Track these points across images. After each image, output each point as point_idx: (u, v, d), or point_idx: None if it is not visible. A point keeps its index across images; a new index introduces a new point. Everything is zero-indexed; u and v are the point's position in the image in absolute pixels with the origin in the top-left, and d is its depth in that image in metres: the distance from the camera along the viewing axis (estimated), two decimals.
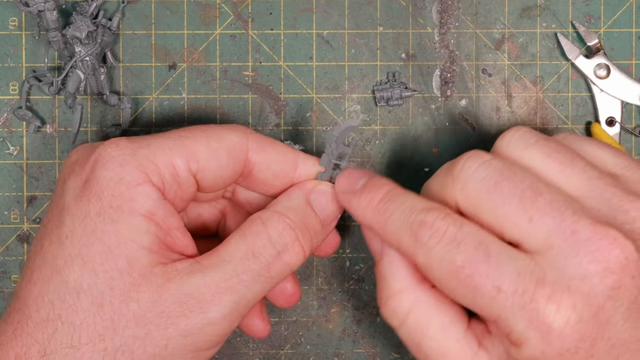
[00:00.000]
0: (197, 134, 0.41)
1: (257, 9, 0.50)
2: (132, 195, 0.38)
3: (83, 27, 0.48)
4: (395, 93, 0.50)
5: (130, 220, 0.38)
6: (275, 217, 0.41)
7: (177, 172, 0.40)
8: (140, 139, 0.40)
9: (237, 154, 0.41)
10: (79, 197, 0.38)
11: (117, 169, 0.38)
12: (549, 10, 0.50)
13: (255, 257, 0.40)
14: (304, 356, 0.51)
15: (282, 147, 0.43)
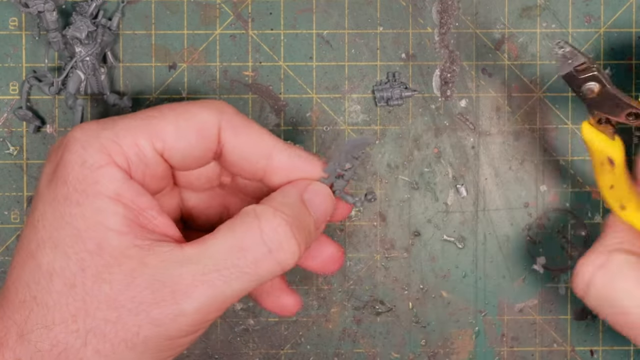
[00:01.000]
0: (165, 113, 0.40)
1: (257, 9, 0.50)
2: (96, 178, 0.38)
3: (83, 27, 0.48)
4: (395, 93, 0.50)
5: (96, 203, 0.38)
6: (270, 211, 0.39)
7: (142, 151, 0.39)
8: (107, 120, 0.40)
9: (207, 133, 0.40)
10: (49, 182, 0.39)
11: (80, 152, 0.38)
12: (549, 10, 0.50)
13: (241, 253, 0.38)
14: (304, 356, 0.51)
15: (258, 132, 0.41)
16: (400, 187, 0.50)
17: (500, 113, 0.50)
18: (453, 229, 0.50)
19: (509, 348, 0.51)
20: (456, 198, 0.50)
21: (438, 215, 0.50)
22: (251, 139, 0.41)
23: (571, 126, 0.50)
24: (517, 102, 0.50)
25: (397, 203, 0.50)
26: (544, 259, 0.50)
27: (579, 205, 0.50)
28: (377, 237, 0.50)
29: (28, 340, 0.37)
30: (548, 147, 0.50)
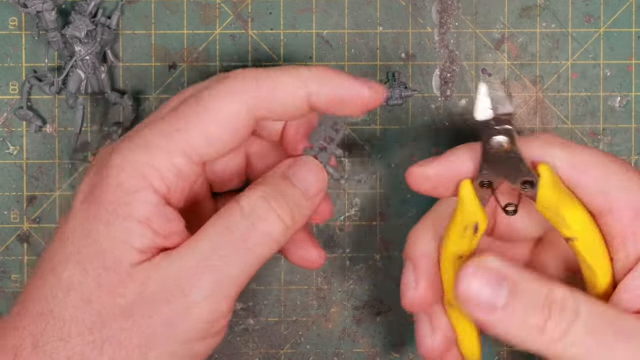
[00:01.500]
0: (192, 120, 0.39)
1: (257, 9, 0.50)
2: (129, 201, 0.38)
3: (82, 27, 0.48)
4: (395, 93, 0.50)
5: (125, 224, 0.38)
6: (248, 192, 0.40)
7: (180, 171, 0.39)
8: (138, 139, 0.39)
9: (239, 125, 0.40)
10: (84, 202, 0.39)
11: (117, 177, 0.38)
12: (549, 10, 0.50)
13: (229, 231, 0.39)
14: (304, 356, 0.51)
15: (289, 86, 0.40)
16: (400, 187, 0.50)
17: None
18: None
19: (509, 348, 0.50)
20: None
21: None
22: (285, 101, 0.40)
23: (571, 126, 0.50)
24: (517, 102, 0.50)
25: (397, 203, 0.50)
26: None
27: None
28: (377, 237, 0.50)
29: (44, 352, 0.37)
30: None
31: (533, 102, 0.50)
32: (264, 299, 0.50)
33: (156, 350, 0.38)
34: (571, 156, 0.40)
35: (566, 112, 0.50)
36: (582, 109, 0.50)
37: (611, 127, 0.50)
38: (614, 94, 0.50)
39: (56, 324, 0.38)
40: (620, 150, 0.50)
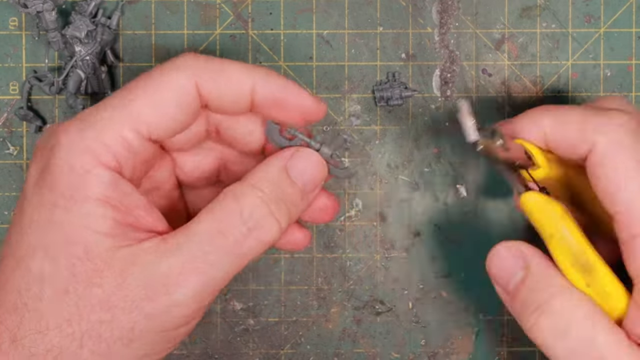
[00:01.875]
0: (139, 92, 0.39)
1: (257, 9, 0.50)
2: (84, 182, 0.37)
3: (82, 27, 0.48)
4: (395, 93, 0.50)
5: (84, 208, 0.37)
6: (248, 190, 0.39)
7: (128, 143, 0.39)
8: (87, 116, 0.39)
9: (187, 98, 0.39)
10: (36, 186, 0.38)
11: (66, 157, 0.38)
12: (549, 10, 0.50)
13: (223, 235, 0.38)
14: (304, 356, 0.51)
15: (236, 71, 0.40)
16: (400, 187, 0.50)
17: (500, 113, 0.50)
18: (453, 229, 0.50)
19: (509, 348, 0.50)
20: (456, 198, 0.50)
21: (438, 215, 0.50)
22: (231, 82, 0.40)
23: None
24: (517, 102, 0.50)
25: (397, 203, 0.50)
26: None
27: None
28: (377, 237, 0.50)
29: (22, 345, 0.37)
30: None
31: (533, 102, 0.50)
32: (264, 299, 0.50)
33: (137, 342, 0.37)
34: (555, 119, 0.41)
35: None
36: None
37: None
38: (614, 94, 0.50)
39: (32, 316, 0.37)
40: None
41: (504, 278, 0.41)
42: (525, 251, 0.41)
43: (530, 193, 0.41)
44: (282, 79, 0.41)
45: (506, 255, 0.41)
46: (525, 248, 0.41)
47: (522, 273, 0.41)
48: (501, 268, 0.41)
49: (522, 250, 0.41)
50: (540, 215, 0.40)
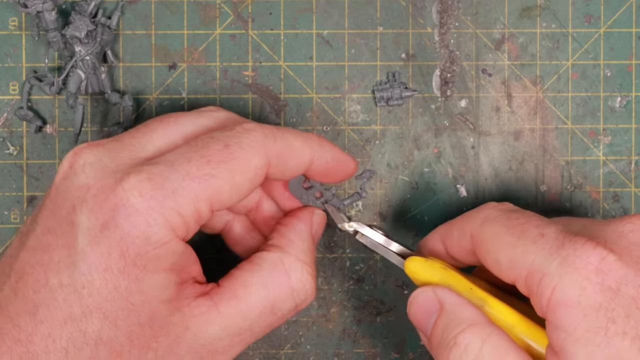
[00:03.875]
0: (221, 169, 0.38)
1: (257, 9, 0.50)
2: (158, 254, 0.37)
3: (82, 27, 0.48)
4: (395, 93, 0.50)
5: (155, 278, 0.37)
6: (299, 266, 0.41)
7: (200, 216, 0.38)
8: (163, 180, 0.37)
9: (259, 178, 0.40)
10: (95, 244, 0.36)
11: (143, 227, 0.36)
12: (549, 10, 0.50)
13: (273, 313, 0.40)
14: (304, 356, 0.51)
15: (300, 149, 0.42)
16: (400, 187, 0.50)
17: (500, 113, 0.50)
18: None
19: None
20: (456, 198, 0.50)
21: (438, 215, 0.50)
22: (296, 160, 0.42)
23: (571, 126, 0.50)
24: (517, 102, 0.50)
25: (397, 203, 0.50)
26: None
27: (579, 205, 0.50)
28: None
29: None
30: (548, 147, 0.50)
31: (533, 102, 0.50)
32: None
33: None
34: (446, 228, 0.44)
35: (566, 112, 0.50)
36: (582, 109, 0.50)
37: (611, 127, 0.50)
38: (614, 94, 0.50)
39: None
40: (620, 150, 0.50)
41: (422, 322, 0.42)
42: (439, 293, 0.41)
43: (409, 259, 0.43)
44: (334, 148, 0.44)
45: (422, 299, 0.42)
46: (440, 290, 0.41)
47: (437, 314, 0.41)
48: (419, 312, 0.42)
49: (437, 292, 0.41)
50: (423, 274, 0.43)
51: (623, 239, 0.38)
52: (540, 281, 0.37)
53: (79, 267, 0.36)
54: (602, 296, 0.36)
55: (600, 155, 0.50)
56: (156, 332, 0.37)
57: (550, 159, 0.50)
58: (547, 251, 0.37)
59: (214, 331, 0.39)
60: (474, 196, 0.50)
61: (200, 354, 0.39)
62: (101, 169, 0.38)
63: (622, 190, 0.50)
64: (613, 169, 0.50)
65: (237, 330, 0.39)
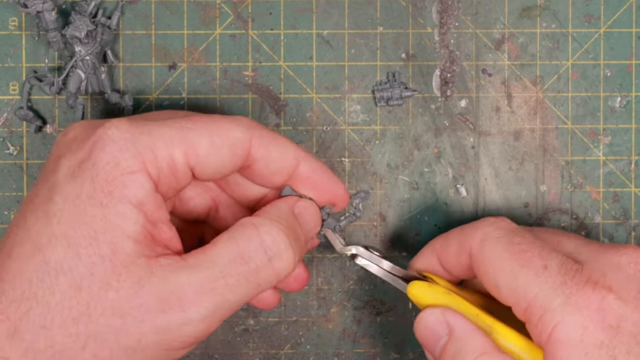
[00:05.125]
0: (200, 127, 0.40)
1: (257, 9, 0.50)
2: (126, 182, 0.37)
3: (82, 27, 0.48)
4: (395, 93, 0.50)
5: (120, 207, 0.37)
6: (268, 222, 0.40)
7: (174, 164, 0.39)
8: (142, 122, 0.39)
9: (239, 150, 0.40)
10: (72, 177, 0.38)
11: (115, 153, 0.37)
12: (549, 10, 0.50)
13: (244, 261, 0.39)
14: (304, 356, 0.51)
15: (284, 144, 0.42)
16: (400, 187, 0.50)
17: (500, 113, 0.50)
18: None
19: None
20: (456, 198, 0.50)
21: (438, 215, 0.50)
22: (280, 153, 0.42)
23: (571, 126, 0.50)
24: (517, 102, 0.50)
25: (397, 203, 0.50)
26: None
27: (579, 205, 0.50)
28: (377, 237, 0.50)
29: (21, 339, 0.36)
30: (548, 147, 0.50)
31: (533, 102, 0.50)
32: None
33: (140, 355, 0.37)
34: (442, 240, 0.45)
35: (566, 112, 0.50)
36: (582, 109, 0.50)
37: (611, 127, 0.50)
38: (614, 94, 0.50)
39: (39, 309, 0.36)
40: (621, 150, 0.50)
41: (431, 343, 0.42)
42: (448, 316, 0.42)
43: (412, 283, 0.44)
44: (322, 163, 0.44)
45: (431, 322, 0.42)
46: (449, 313, 0.42)
47: (446, 338, 0.42)
48: (427, 333, 0.42)
49: (446, 315, 0.42)
50: (427, 299, 0.43)
51: (620, 273, 0.39)
52: (542, 317, 0.38)
53: (54, 199, 0.37)
54: (603, 334, 0.37)
55: (600, 155, 0.50)
56: (118, 268, 0.36)
57: (550, 159, 0.50)
58: (551, 286, 0.39)
59: (182, 277, 0.37)
60: (474, 196, 0.50)
61: (168, 301, 0.37)
62: (89, 125, 0.40)
63: (622, 190, 0.50)
64: (613, 169, 0.50)
65: (207, 276, 0.38)
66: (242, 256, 0.39)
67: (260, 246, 0.39)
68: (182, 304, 0.37)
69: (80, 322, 0.36)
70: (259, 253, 0.39)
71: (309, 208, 0.43)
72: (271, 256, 0.39)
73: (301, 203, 0.43)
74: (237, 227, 0.40)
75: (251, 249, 0.39)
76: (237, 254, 0.39)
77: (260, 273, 0.39)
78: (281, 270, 0.40)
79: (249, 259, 0.39)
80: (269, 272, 0.39)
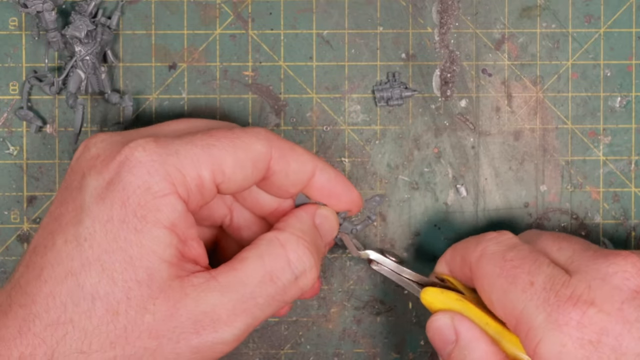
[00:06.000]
0: (224, 143, 0.40)
1: (257, 9, 0.50)
2: (158, 206, 0.37)
3: (82, 27, 0.48)
4: (395, 93, 0.50)
5: (154, 232, 0.37)
6: (294, 239, 0.41)
7: (202, 183, 0.39)
8: (167, 143, 0.39)
9: (261, 164, 0.41)
10: (100, 199, 0.37)
11: (145, 177, 0.37)
12: (549, 10, 0.50)
13: (273, 282, 0.40)
14: (304, 356, 0.51)
15: (302, 155, 0.42)
16: (400, 187, 0.50)
17: (500, 113, 0.50)
18: (453, 229, 0.50)
19: None
20: (456, 198, 0.50)
21: (438, 215, 0.50)
22: (299, 164, 0.42)
23: (571, 126, 0.50)
24: (517, 102, 0.50)
25: (397, 203, 0.50)
26: None
27: (579, 205, 0.50)
28: (377, 237, 0.50)
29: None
30: (548, 147, 0.50)
31: (533, 102, 0.50)
32: None
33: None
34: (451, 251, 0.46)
35: (566, 112, 0.50)
36: (582, 109, 0.50)
37: (611, 127, 0.50)
38: (614, 94, 0.50)
39: (76, 334, 0.36)
40: (621, 150, 0.50)
41: (440, 347, 0.43)
42: (456, 322, 0.43)
43: (425, 289, 0.44)
44: (338, 171, 0.44)
45: (439, 326, 0.43)
46: (457, 319, 0.43)
47: (453, 345, 0.43)
48: (437, 338, 0.43)
49: (454, 321, 0.43)
50: (440, 305, 0.44)
51: (606, 284, 0.39)
52: (527, 333, 0.39)
53: (84, 222, 0.37)
54: (582, 351, 0.38)
55: (600, 155, 0.50)
56: (154, 292, 0.37)
57: (550, 159, 0.50)
58: (535, 303, 0.39)
59: (215, 297, 0.38)
60: (474, 196, 0.50)
61: (202, 322, 0.38)
62: (111, 142, 0.40)
63: (622, 190, 0.50)
64: (613, 169, 0.50)
65: (239, 297, 0.38)
66: (271, 277, 0.40)
67: (288, 266, 0.40)
68: (215, 325, 0.38)
69: (117, 346, 0.37)
70: (286, 273, 0.40)
71: (329, 217, 0.44)
72: (297, 275, 0.40)
73: (321, 212, 0.44)
74: (263, 243, 0.41)
75: (278, 268, 0.40)
76: (266, 273, 0.40)
77: (286, 291, 0.40)
78: (305, 287, 0.41)
79: (277, 279, 0.40)
80: (295, 289, 0.41)
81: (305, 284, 0.41)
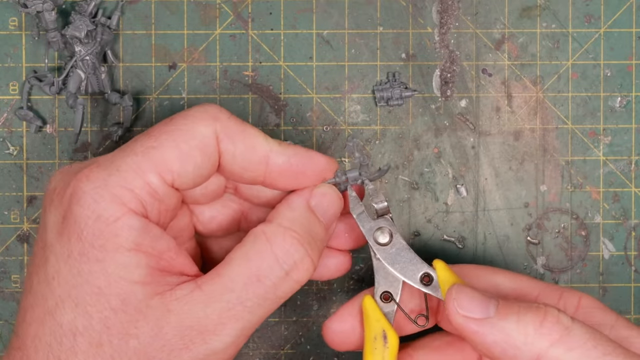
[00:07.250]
0: (163, 140, 0.38)
1: (257, 9, 0.50)
2: (114, 231, 0.36)
3: (82, 27, 0.48)
4: (395, 93, 0.50)
5: (117, 258, 0.36)
6: (280, 231, 0.39)
7: (153, 189, 0.38)
8: (109, 163, 0.38)
9: (209, 148, 0.39)
10: (59, 235, 0.37)
11: (93, 206, 0.36)
12: (549, 10, 0.50)
13: (260, 282, 0.38)
14: (304, 356, 0.51)
15: (253, 136, 0.40)
16: (400, 187, 0.50)
17: (500, 113, 0.50)
18: (453, 229, 0.50)
19: None
20: (456, 198, 0.50)
21: (438, 215, 0.50)
22: (247, 145, 0.40)
23: (571, 126, 0.50)
24: (517, 102, 0.50)
25: (397, 203, 0.50)
26: (544, 258, 0.50)
27: (579, 205, 0.50)
28: None
29: None
30: (548, 147, 0.50)
31: (533, 102, 0.50)
32: None
33: None
34: None
35: (566, 112, 0.50)
36: (582, 109, 0.50)
37: (611, 127, 0.50)
38: (614, 94, 0.50)
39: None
40: (620, 150, 0.50)
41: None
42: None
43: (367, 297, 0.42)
44: (294, 146, 0.41)
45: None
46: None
47: None
48: None
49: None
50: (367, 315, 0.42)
51: None
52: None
53: (49, 260, 0.37)
54: None
55: (600, 155, 0.50)
56: (133, 316, 0.36)
57: (550, 159, 0.50)
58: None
59: (199, 309, 0.37)
60: (474, 196, 0.50)
61: (190, 336, 0.37)
62: (68, 173, 0.39)
63: (622, 190, 0.50)
64: (613, 169, 0.50)
65: (225, 305, 0.37)
66: (258, 277, 0.38)
67: (275, 262, 0.38)
68: (204, 337, 0.37)
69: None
70: (275, 270, 0.38)
71: (326, 194, 0.41)
72: (288, 270, 0.38)
73: (317, 191, 0.41)
74: (249, 240, 0.39)
75: (265, 266, 0.38)
76: (252, 274, 0.38)
77: (278, 288, 0.38)
78: (301, 279, 0.39)
79: (265, 278, 0.38)
80: (289, 285, 0.39)
81: (301, 277, 0.39)
